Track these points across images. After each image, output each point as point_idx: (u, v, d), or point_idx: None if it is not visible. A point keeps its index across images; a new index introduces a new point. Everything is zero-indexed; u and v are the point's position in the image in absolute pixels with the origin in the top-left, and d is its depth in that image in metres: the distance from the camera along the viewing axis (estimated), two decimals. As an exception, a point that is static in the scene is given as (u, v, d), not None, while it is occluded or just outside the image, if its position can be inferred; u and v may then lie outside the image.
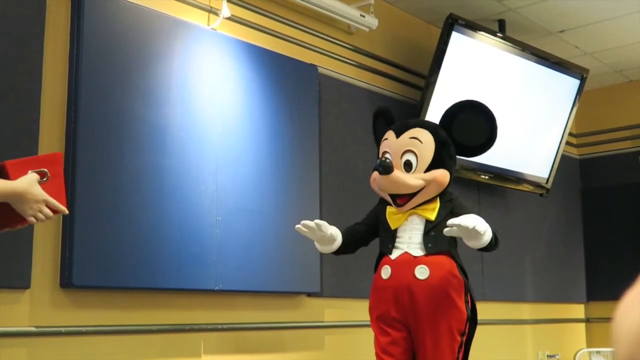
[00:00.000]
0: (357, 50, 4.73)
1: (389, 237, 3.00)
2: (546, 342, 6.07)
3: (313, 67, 4.30)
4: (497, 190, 5.57)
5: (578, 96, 5.75)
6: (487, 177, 5.31)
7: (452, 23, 4.74)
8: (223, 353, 3.72)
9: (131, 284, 3.29)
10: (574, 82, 5.70)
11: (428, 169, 2.94)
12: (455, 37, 4.77)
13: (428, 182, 2.92)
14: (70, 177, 3.11)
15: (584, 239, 6.50)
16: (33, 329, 3.00)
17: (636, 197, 6.25)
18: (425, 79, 4.82)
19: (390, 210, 3.02)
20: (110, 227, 3.21)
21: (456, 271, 2.94)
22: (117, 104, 3.30)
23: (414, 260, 2.91)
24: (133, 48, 3.40)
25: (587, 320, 6.56)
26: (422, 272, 2.89)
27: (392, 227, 2.99)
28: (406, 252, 2.93)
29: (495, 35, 5.09)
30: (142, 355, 3.38)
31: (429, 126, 3.05)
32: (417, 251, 2.93)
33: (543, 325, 6.05)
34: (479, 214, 4.67)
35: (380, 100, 4.74)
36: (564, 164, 6.03)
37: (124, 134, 3.30)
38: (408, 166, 2.95)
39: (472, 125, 3.08)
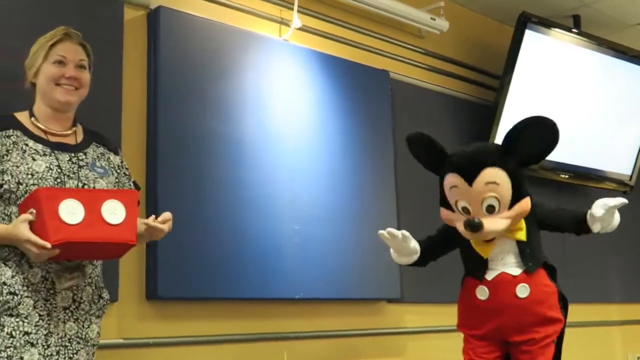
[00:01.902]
0: (428, 53, 4.70)
1: (480, 264, 2.92)
2: (636, 344, 5.89)
3: (385, 73, 4.29)
4: (578, 189, 5.45)
5: (659, 89, 5.57)
6: (567, 177, 5.20)
7: (525, 21, 4.66)
8: (306, 361, 3.75)
9: (214, 295, 3.33)
10: (655, 75, 5.53)
11: (511, 205, 2.84)
12: (529, 35, 4.69)
13: (516, 217, 2.86)
14: (152, 192, 3.18)
15: (671, 237, 6.28)
16: (121, 341, 3.07)
17: None
18: (499, 80, 4.75)
19: (474, 241, 2.93)
20: (192, 239, 3.26)
21: (547, 280, 2.93)
22: (193, 119, 3.35)
23: (514, 280, 2.87)
24: (207, 63, 3.46)
25: (679, 321, 6.34)
26: (523, 291, 2.86)
27: (485, 256, 2.91)
28: (503, 272, 2.88)
29: (570, 32, 4.98)
30: (227, 365, 3.43)
31: (497, 161, 2.87)
32: (516, 270, 2.88)
33: (632, 326, 5.87)
34: None
35: (454, 103, 4.70)
36: (647, 160, 5.85)
37: (201, 148, 3.35)
38: (491, 209, 2.84)
39: (536, 138, 2.97)
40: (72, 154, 2.25)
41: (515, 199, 2.85)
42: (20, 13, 2.89)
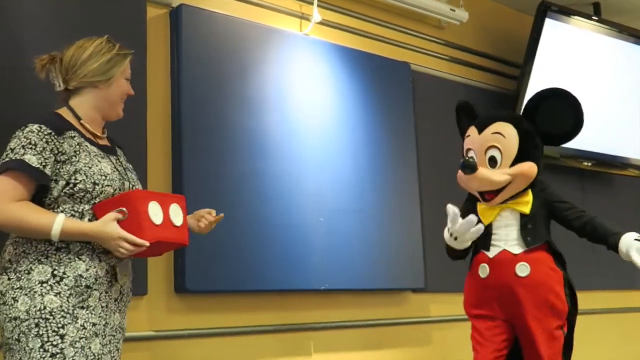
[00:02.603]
0: (448, 44, 4.69)
1: (485, 234, 2.89)
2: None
3: (405, 65, 4.29)
4: (602, 176, 5.42)
5: (681, 75, 5.52)
6: (590, 164, 5.18)
7: (544, 10, 4.65)
8: (333, 351, 3.76)
9: (240, 287, 3.36)
10: (677, 61, 5.48)
11: (514, 163, 2.85)
12: (549, 24, 4.67)
13: (515, 177, 2.83)
14: (178, 186, 3.21)
15: (696, 223, 6.23)
16: (152, 333, 3.11)
17: None
18: (520, 69, 4.73)
19: (481, 206, 2.95)
20: (218, 233, 3.26)
21: (554, 265, 2.88)
22: (217, 113, 3.38)
23: (514, 258, 2.84)
24: (229, 58, 3.48)
25: None
26: (522, 270, 2.83)
27: (486, 223, 2.89)
28: (505, 250, 2.86)
29: (591, 19, 4.95)
30: (255, 355, 3.45)
31: (511, 118, 2.94)
32: (516, 248, 2.86)
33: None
34: (582, 201, 4.58)
35: (475, 93, 4.69)
36: (670, 146, 5.81)
37: (225, 142, 3.38)
38: (493, 162, 2.86)
39: (557, 113, 2.94)
40: (115, 157, 2.32)
41: (519, 159, 2.85)
42: (49, 13, 2.93)
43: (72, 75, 2.23)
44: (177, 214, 2.23)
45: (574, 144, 4.98)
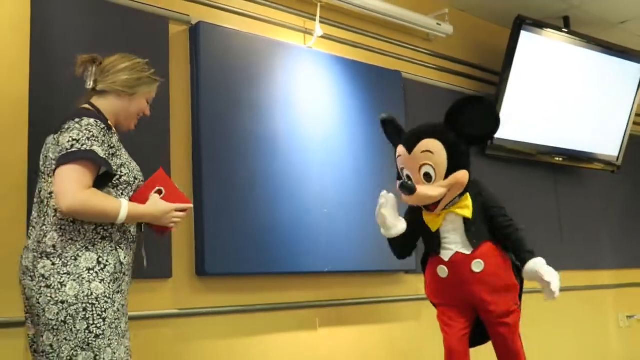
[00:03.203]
0: (436, 55, 4.67)
1: (434, 239, 2.87)
2: (626, 305, 5.84)
3: (397, 73, 4.28)
4: (572, 170, 5.41)
5: (642, 80, 5.50)
6: (561, 159, 5.17)
7: (520, 23, 4.62)
8: (335, 325, 3.76)
9: (254, 270, 3.37)
10: (638, 67, 5.45)
11: (447, 174, 2.76)
12: (524, 36, 4.64)
13: (450, 187, 2.76)
14: (199, 183, 3.21)
15: (655, 210, 6.21)
16: (176, 311, 3.12)
17: None
18: (498, 76, 4.71)
19: (426, 215, 2.89)
20: (234, 223, 3.29)
21: (502, 252, 2.85)
22: (231, 119, 3.37)
23: (468, 257, 2.80)
24: (242, 70, 3.47)
25: (663, 283, 6.27)
26: (478, 266, 2.79)
27: (434, 229, 2.86)
28: (457, 252, 2.82)
29: (561, 31, 4.93)
30: (268, 331, 3.46)
31: (435, 133, 2.82)
32: (468, 249, 2.81)
33: (622, 289, 5.82)
34: (555, 194, 4.55)
35: (459, 97, 4.67)
36: (632, 143, 5.78)
37: (239, 146, 3.37)
38: (428, 177, 2.78)
39: (476, 117, 2.82)
40: None
41: (451, 170, 2.76)
42: (80, 28, 2.93)
43: (104, 78, 2.20)
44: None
45: (547, 141, 5.01)
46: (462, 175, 2.79)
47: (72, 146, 1.99)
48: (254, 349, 3.39)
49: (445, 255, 2.85)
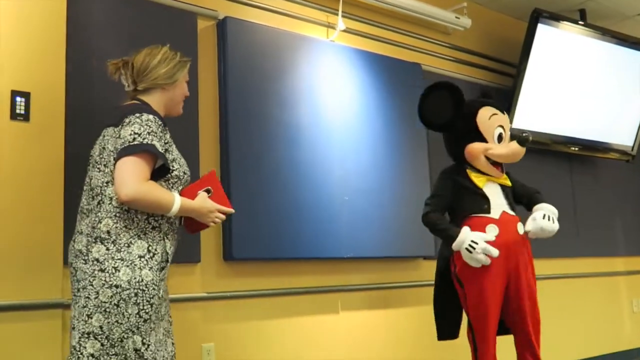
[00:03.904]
0: (454, 47, 4.66)
1: (480, 197, 2.90)
2: (638, 290, 5.80)
3: (417, 65, 4.27)
4: (587, 159, 5.37)
5: (657, 71, 5.43)
6: (577, 149, 5.13)
7: (537, 16, 4.59)
8: (356, 309, 3.79)
9: (279, 255, 3.39)
10: (653, 59, 5.39)
11: None
12: (541, 29, 4.61)
13: None
14: (226, 172, 3.24)
15: (669, 198, 6.15)
16: (205, 294, 3.16)
17: None
18: (515, 68, 4.69)
19: (472, 173, 2.96)
20: (260, 210, 3.31)
21: None
22: (257, 110, 3.39)
23: (513, 219, 2.91)
24: (268, 62, 3.49)
25: (677, 270, 6.21)
26: (520, 228, 2.91)
27: (480, 186, 2.93)
28: (505, 212, 2.90)
29: (577, 24, 4.88)
30: (291, 313, 3.49)
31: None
32: (511, 210, 2.93)
33: (635, 275, 5.77)
34: (570, 183, 4.66)
35: (476, 89, 4.65)
36: (647, 133, 5.72)
37: (265, 134, 3.40)
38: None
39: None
40: None
41: None
42: (113, 24, 2.97)
43: (143, 78, 2.22)
44: None
45: (563, 131, 4.98)
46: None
47: (134, 139, 2.03)
48: (277, 331, 3.42)
49: (495, 213, 2.89)
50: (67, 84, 2.74)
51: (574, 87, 4.96)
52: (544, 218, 2.91)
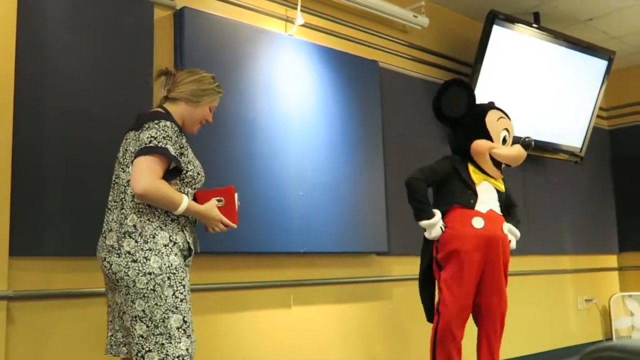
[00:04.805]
0: (411, 46, 4.69)
1: (472, 192, 3.08)
2: (584, 289, 5.96)
3: (374, 63, 4.29)
4: (538, 160, 5.47)
5: (606, 75, 5.57)
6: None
7: (492, 18, 4.65)
8: (308, 304, 3.79)
9: (232, 249, 3.36)
10: (603, 63, 5.52)
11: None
12: (496, 30, 4.68)
13: None
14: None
15: (614, 200, 6.32)
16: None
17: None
18: (471, 67, 4.75)
19: (472, 168, 3.12)
20: (214, 203, 3.27)
21: None
22: (214, 102, 3.36)
23: (500, 218, 3.09)
24: (225, 54, 3.45)
25: (620, 269, 6.40)
26: (505, 228, 3.10)
27: (476, 182, 3.09)
28: (492, 210, 3.07)
29: (531, 26, 4.97)
30: (244, 307, 3.47)
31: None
32: (499, 211, 3.11)
33: (581, 274, 5.93)
34: (522, 183, 4.93)
35: (433, 88, 4.69)
36: (595, 135, 5.88)
37: (221, 127, 3.36)
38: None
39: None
40: None
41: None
42: (67, 11, 2.89)
43: (175, 88, 2.43)
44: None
45: (516, 132, 5.06)
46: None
47: (150, 142, 2.23)
48: (230, 325, 3.40)
49: (482, 208, 3.07)
50: (16, 73, 2.66)
51: (527, 88, 5.05)
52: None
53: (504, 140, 3.18)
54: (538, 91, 5.13)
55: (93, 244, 2.35)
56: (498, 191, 3.14)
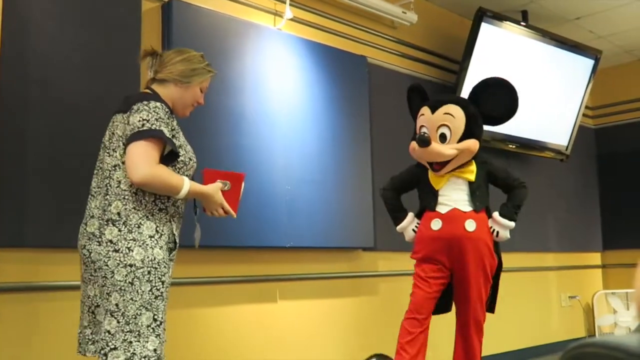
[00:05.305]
0: (400, 42, 4.69)
1: (432, 196, 2.99)
2: (568, 286, 6.00)
3: (363, 58, 4.29)
4: (524, 157, 5.51)
5: (593, 74, 5.61)
6: (514, 147, 5.25)
7: (481, 15, 4.66)
8: (294, 299, 3.79)
9: (218, 243, 3.36)
10: (589, 62, 5.56)
11: (460, 140, 2.92)
12: (484, 27, 4.69)
13: (461, 151, 2.92)
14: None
15: (599, 198, 6.38)
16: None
17: (645, 160, 6.13)
18: (459, 64, 4.76)
19: (431, 173, 3.02)
20: (200, 197, 3.26)
21: (489, 226, 3.02)
22: (202, 95, 3.34)
23: (464, 215, 2.93)
24: (213, 48, 3.44)
25: (603, 267, 6.45)
26: (470, 225, 2.92)
27: (437, 188, 2.99)
28: (455, 208, 2.94)
29: (519, 24, 4.99)
30: (231, 301, 3.47)
31: (459, 102, 3.02)
32: (466, 207, 2.94)
33: (565, 271, 5.98)
34: None
35: (420, 84, 4.71)
36: (581, 133, 5.92)
37: (208, 120, 3.36)
38: (443, 138, 2.94)
39: (496, 99, 3.05)
40: None
41: (465, 137, 2.92)
42: (53, 1, 2.87)
43: (163, 68, 2.30)
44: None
45: (502, 129, 5.09)
46: (473, 143, 2.95)
47: (142, 125, 2.10)
48: (215, 319, 3.39)
49: (442, 209, 2.96)
50: (1, 63, 2.64)
51: (514, 86, 5.06)
52: (493, 232, 3.03)
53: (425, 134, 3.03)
54: (525, 89, 5.13)
55: (78, 235, 2.34)
56: (470, 184, 2.96)
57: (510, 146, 5.22)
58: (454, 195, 2.96)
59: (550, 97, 5.38)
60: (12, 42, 2.70)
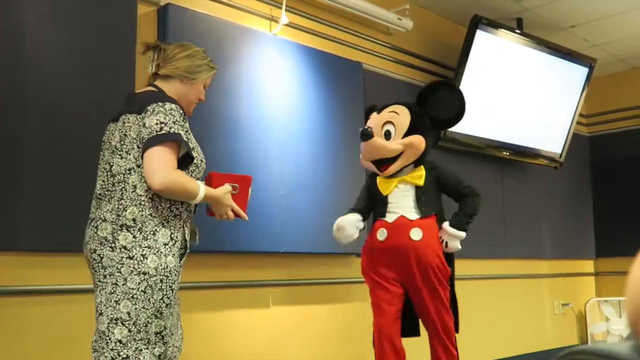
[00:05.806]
0: (395, 48, 4.71)
1: (382, 203, 2.92)
2: (561, 293, 6.02)
3: (358, 64, 4.30)
4: (517, 164, 5.52)
5: (587, 82, 5.64)
6: (508, 154, 5.26)
7: (476, 22, 4.68)
8: (287, 304, 3.79)
9: (212, 248, 3.34)
10: (584, 70, 5.59)
11: (405, 136, 2.89)
12: (480, 35, 4.71)
13: (406, 146, 2.87)
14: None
15: (592, 206, 6.40)
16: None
17: (637, 168, 6.14)
18: (454, 71, 4.77)
19: (379, 179, 2.97)
20: (194, 201, 3.26)
21: (438, 234, 2.90)
22: (197, 100, 3.35)
23: (410, 224, 2.83)
24: (209, 52, 3.42)
25: (596, 274, 6.47)
26: (416, 234, 2.82)
27: (384, 193, 2.91)
28: (402, 216, 2.86)
29: (514, 32, 5.01)
30: (223, 306, 3.46)
31: (405, 104, 3.01)
32: (412, 215, 2.85)
33: (558, 278, 5.99)
34: (501, 186, 4.73)
35: (415, 90, 4.71)
36: (575, 141, 5.94)
37: (203, 125, 3.35)
38: (388, 135, 2.91)
39: (443, 101, 3.04)
40: None
41: (410, 133, 2.89)
42: (48, 4, 2.87)
43: (167, 64, 2.23)
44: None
45: (496, 136, 5.11)
46: (419, 139, 2.89)
47: (160, 129, 2.05)
48: (209, 324, 3.39)
49: (390, 217, 2.89)
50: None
51: (509, 93, 5.09)
52: (442, 242, 2.91)
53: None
54: (519, 96, 5.17)
55: (71, 239, 2.33)
56: (417, 188, 2.88)
57: (505, 153, 5.23)
58: (401, 202, 2.88)
59: (545, 105, 5.40)
60: (7, 46, 2.69)
